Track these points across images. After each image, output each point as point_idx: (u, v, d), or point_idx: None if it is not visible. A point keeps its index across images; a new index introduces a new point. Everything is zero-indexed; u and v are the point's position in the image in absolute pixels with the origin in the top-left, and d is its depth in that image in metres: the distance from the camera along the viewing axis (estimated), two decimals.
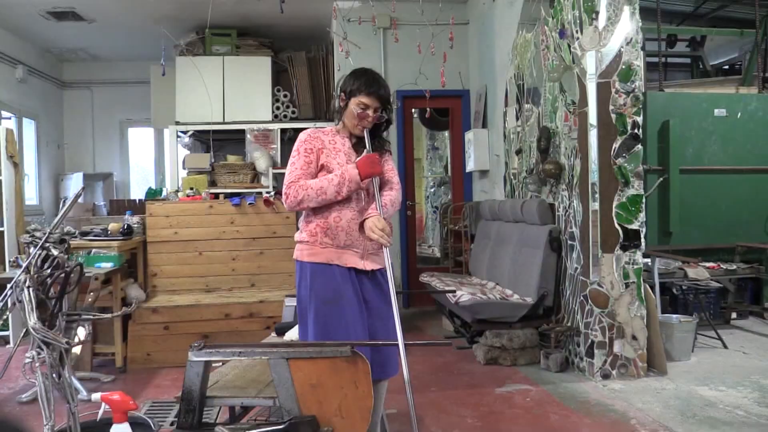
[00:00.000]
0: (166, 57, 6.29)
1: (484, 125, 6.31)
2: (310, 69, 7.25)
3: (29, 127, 7.98)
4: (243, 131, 6.85)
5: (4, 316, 4.33)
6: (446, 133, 7.84)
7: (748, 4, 6.34)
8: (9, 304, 2.17)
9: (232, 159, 6.68)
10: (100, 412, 2.18)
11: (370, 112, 2.44)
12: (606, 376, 3.92)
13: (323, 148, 2.45)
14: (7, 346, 5.14)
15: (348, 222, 2.39)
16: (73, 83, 8.92)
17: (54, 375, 2.07)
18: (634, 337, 3.95)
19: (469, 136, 6.43)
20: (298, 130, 6.90)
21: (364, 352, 2.07)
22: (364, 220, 2.39)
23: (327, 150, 2.45)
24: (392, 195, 2.49)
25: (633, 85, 3.96)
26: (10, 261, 4.40)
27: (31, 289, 2.03)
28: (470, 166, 6.44)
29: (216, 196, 5.70)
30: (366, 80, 2.45)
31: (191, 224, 5.15)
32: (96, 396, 2.07)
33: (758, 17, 6.06)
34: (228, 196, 5.63)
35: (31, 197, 7.89)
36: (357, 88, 2.44)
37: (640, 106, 3.99)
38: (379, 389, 2.42)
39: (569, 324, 4.24)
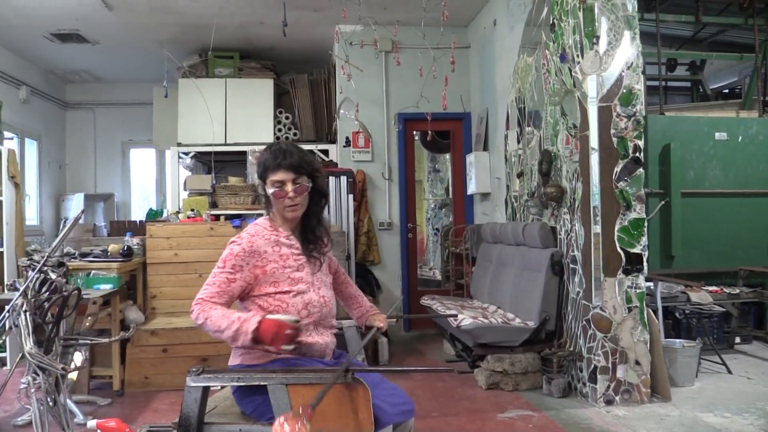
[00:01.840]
0: (169, 79, 6.33)
1: (486, 148, 6.32)
2: (312, 91, 7.29)
3: (31, 147, 8.01)
4: (245, 153, 6.85)
5: (0, 340, 4.29)
6: (447, 156, 7.85)
7: (747, 29, 6.38)
8: (6, 328, 2.14)
9: (233, 180, 6.67)
10: None
11: (287, 188, 2.11)
12: (609, 402, 3.87)
13: (265, 266, 2.10)
14: (4, 368, 5.09)
15: (318, 346, 2.20)
16: (75, 104, 8.97)
17: (49, 400, 2.03)
18: (637, 362, 3.90)
19: (470, 158, 6.44)
20: None
21: (387, 401, 2.03)
22: (371, 317, 2.44)
23: (274, 264, 2.12)
24: (363, 297, 2.52)
25: (634, 109, 3.96)
26: (7, 284, 4.38)
27: (28, 313, 2.00)
28: (471, 188, 6.43)
29: (217, 217, 5.68)
30: (270, 155, 2.13)
31: (192, 246, 5.13)
32: (92, 423, 2.03)
33: (758, 42, 6.10)
34: (229, 217, 5.61)
35: (31, 217, 7.88)
36: (264, 168, 2.14)
37: (642, 130, 3.99)
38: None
39: (571, 349, 4.20)
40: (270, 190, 2.12)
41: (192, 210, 5.74)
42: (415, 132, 7.07)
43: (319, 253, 2.24)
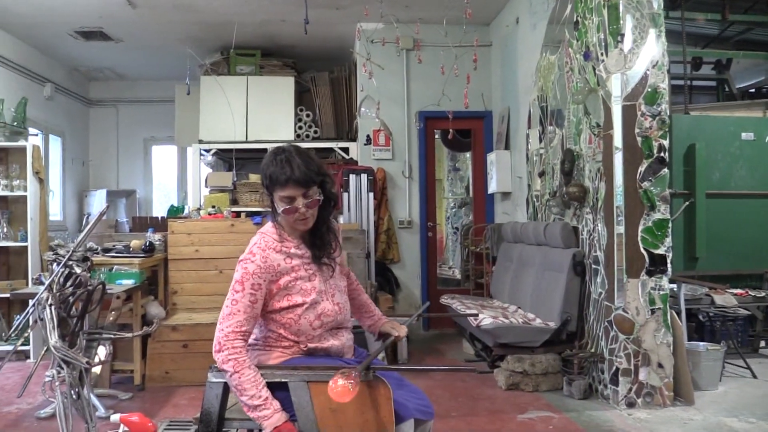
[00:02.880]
0: (191, 76, 6.37)
1: (507, 147, 6.28)
2: (332, 89, 7.30)
3: (55, 144, 8.12)
4: (266, 150, 6.85)
5: (26, 334, 4.34)
6: (468, 154, 7.81)
7: None
8: (31, 322, 2.16)
9: (254, 178, 6.70)
10: None
11: (298, 204, 1.99)
12: (631, 405, 3.82)
13: (279, 280, 2.03)
14: (28, 360, 5.17)
15: (335, 348, 2.15)
16: (99, 101, 9.08)
17: (73, 394, 2.05)
18: (660, 365, 3.85)
19: (491, 157, 6.40)
20: (320, 150, 7.00)
21: (409, 399, 2.01)
22: (386, 326, 2.35)
23: (287, 277, 2.04)
24: (374, 305, 2.44)
25: (659, 108, 3.90)
26: (33, 278, 4.43)
27: (53, 307, 2.02)
28: (492, 187, 6.40)
29: (238, 214, 5.71)
30: (277, 167, 1.98)
31: (212, 242, 5.16)
32: (115, 417, 2.05)
33: None
34: (249, 214, 5.64)
35: (55, 213, 7.99)
36: (271, 182, 2.00)
37: (666, 130, 3.93)
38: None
39: (593, 350, 4.16)
40: (279, 207, 2.01)
41: (213, 207, 5.78)
42: (436, 130, 7.05)
43: (330, 259, 2.16)
